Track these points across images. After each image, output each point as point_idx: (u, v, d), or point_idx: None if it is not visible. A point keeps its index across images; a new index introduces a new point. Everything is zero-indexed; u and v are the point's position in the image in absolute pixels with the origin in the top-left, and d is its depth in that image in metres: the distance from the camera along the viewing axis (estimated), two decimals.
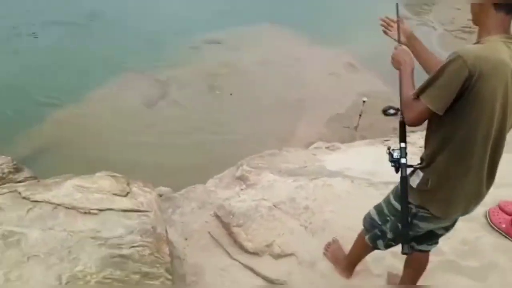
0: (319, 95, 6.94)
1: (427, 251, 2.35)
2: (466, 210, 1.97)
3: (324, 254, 2.90)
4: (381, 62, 7.60)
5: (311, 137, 5.92)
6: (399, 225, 2.05)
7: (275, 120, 6.26)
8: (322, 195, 3.26)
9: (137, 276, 2.18)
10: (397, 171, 1.95)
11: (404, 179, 1.93)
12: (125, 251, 2.21)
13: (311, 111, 6.55)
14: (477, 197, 1.93)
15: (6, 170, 3.06)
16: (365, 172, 3.70)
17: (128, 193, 2.56)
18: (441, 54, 6.18)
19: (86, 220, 2.33)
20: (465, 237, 2.92)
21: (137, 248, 2.25)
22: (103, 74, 6.99)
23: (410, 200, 1.96)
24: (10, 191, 2.49)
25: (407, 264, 2.49)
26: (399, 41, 2.25)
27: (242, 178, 3.53)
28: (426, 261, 2.41)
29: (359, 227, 2.61)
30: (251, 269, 2.84)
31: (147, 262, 2.25)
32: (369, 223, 2.37)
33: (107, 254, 2.17)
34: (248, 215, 3.09)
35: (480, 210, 3.05)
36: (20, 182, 3.02)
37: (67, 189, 2.46)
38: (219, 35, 8.49)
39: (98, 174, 2.63)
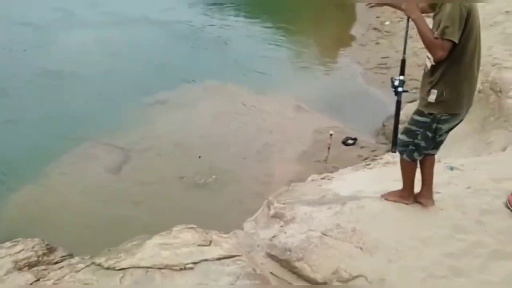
0: (280, 137, 7.23)
1: (434, 155, 3.24)
2: (470, 103, 2.94)
3: (386, 199, 3.49)
4: (323, 102, 8.34)
5: (290, 175, 6.12)
6: (428, 133, 2.96)
7: (251, 167, 6.35)
8: (362, 216, 3.39)
9: None
10: (396, 95, 2.95)
11: (399, 103, 2.98)
12: None
13: (278, 153, 6.78)
14: (474, 90, 2.93)
15: (40, 252, 2.75)
16: (378, 191, 3.91)
17: (210, 241, 2.47)
18: (368, 89, 6.92)
19: (185, 276, 2.20)
20: (499, 227, 3.23)
21: None
22: (56, 144, 6.59)
23: (432, 112, 2.87)
24: (87, 266, 2.26)
25: (424, 168, 3.30)
26: None
27: (277, 216, 3.53)
28: (434, 161, 3.30)
29: (407, 237, 3.17)
30: None
31: None
32: (402, 145, 3.13)
33: None
34: (304, 248, 3.10)
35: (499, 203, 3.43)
36: (57, 263, 2.73)
37: (152, 249, 2.31)
38: (164, 95, 8.49)
39: (175, 228, 2.50)
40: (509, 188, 3.56)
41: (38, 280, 2.13)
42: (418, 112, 3.01)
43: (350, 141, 6.91)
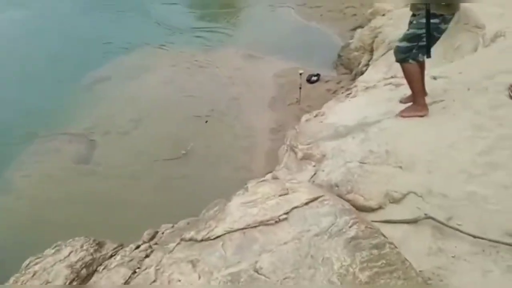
0: (243, 89, 7.03)
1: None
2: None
3: (402, 116, 3.63)
4: (270, 46, 8.18)
5: (270, 123, 6.03)
6: (435, 33, 3.26)
7: (225, 125, 6.12)
8: (389, 138, 3.42)
9: (375, 251, 2.05)
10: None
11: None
12: (351, 233, 2.05)
13: (249, 104, 6.61)
14: None
15: (91, 250, 2.45)
16: (384, 113, 3.97)
17: (287, 189, 2.33)
18: (309, 24, 6.88)
19: (284, 227, 2.07)
20: None
21: (354, 227, 2.10)
22: (6, 146, 5.87)
23: (442, 13, 3.17)
24: (177, 244, 2.05)
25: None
26: None
27: (306, 157, 3.46)
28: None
29: (436, 146, 3.26)
30: (388, 221, 2.85)
31: (368, 235, 2.12)
32: (403, 51, 3.40)
33: (343, 241, 1.98)
34: (349, 180, 3.08)
35: (503, 96, 3.63)
36: (112, 256, 2.46)
37: (239, 210, 2.13)
38: (105, 71, 7.82)
39: (250, 185, 2.33)
40: (504, 81, 3.78)
41: (134, 272, 1.89)
42: (422, 17, 3.24)
43: (314, 78, 6.91)
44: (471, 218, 2.77)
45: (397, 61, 3.52)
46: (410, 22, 3.49)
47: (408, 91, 4.29)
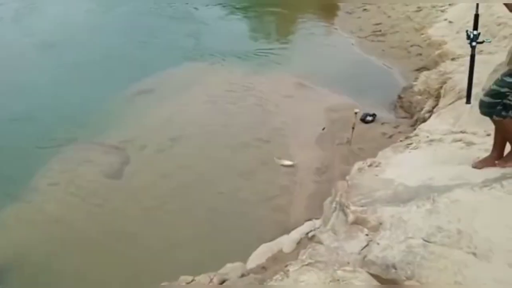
0: (290, 119, 6.55)
1: None
2: None
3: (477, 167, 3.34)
4: (324, 77, 7.71)
5: (315, 162, 5.51)
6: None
7: (266, 156, 5.63)
8: (462, 213, 2.83)
9: None
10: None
11: (472, 57, 3.16)
12: None
13: (293, 138, 6.12)
14: None
15: None
16: (453, 178, 3.39)
17: (338, 279, 1.82)
18: (369, 59, 6.37)
19: None
20: None
21: None
22: (39, 149, 5.70)
23: None
24: None
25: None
26: None
27: (359, 222, 2.93)
28: None
29: None
30: None
31: None
32: (487, 107, 3.05)
33: None
34: (410, 262, 2.52)
35: None
36: None
37: None
38: (149, 83, 7.62)
39: (291, 269, 1.83)
40: None
41: None
42: (505, 74, 2.93)
43: (369, 118, 6.34)
44: None
45: (482, 114, 3.19)
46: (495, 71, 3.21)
47: (481, 154, 3.73)
